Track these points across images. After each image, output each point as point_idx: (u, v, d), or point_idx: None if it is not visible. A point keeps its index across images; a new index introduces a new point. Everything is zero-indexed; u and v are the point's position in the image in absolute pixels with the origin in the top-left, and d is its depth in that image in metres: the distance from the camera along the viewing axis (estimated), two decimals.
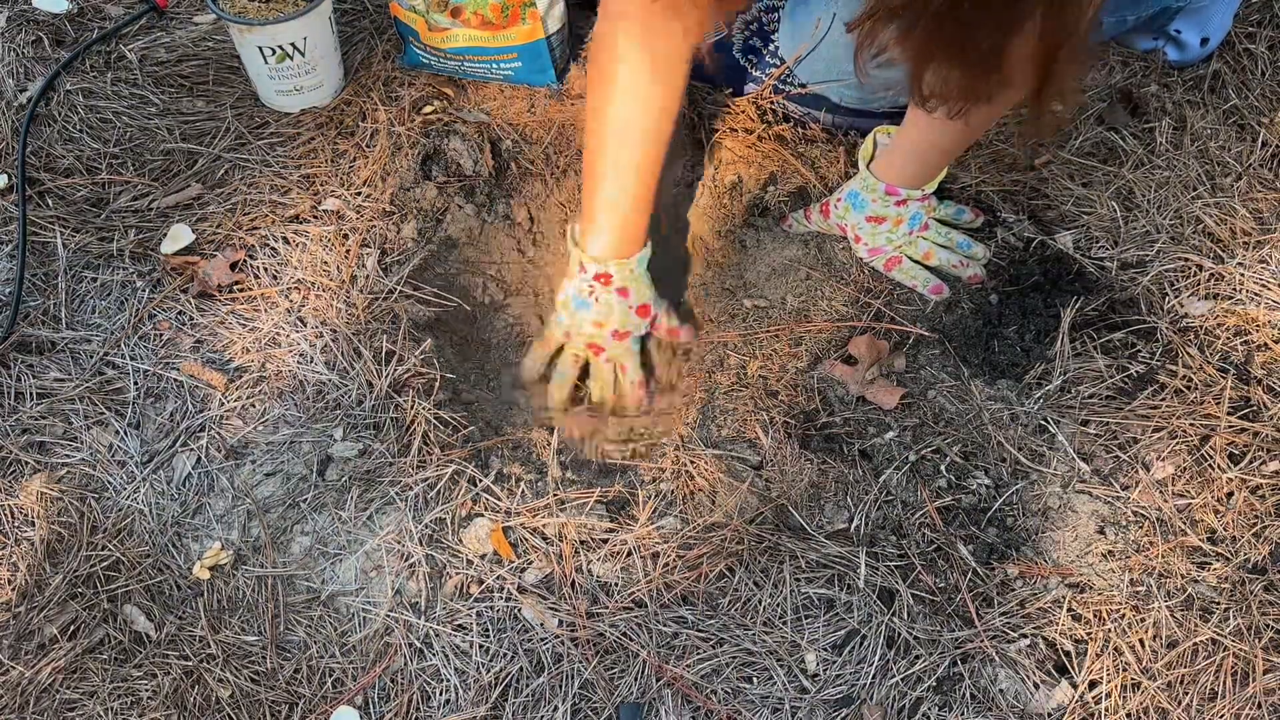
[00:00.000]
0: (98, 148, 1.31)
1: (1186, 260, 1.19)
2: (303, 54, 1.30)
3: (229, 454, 1.08)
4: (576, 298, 1.19)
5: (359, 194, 1.27)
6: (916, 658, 0.96)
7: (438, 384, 1.13)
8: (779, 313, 1.23)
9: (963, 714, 0.94)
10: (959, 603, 0.99)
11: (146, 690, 0.95)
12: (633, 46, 1.05)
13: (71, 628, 0.98)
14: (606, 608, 0.99)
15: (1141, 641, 0.96)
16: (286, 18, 1.27)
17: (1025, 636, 0.97)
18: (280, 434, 1.09)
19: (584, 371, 1.24)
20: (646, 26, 1.04)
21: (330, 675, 0.97)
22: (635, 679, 0.95)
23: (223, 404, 1.11)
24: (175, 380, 1.13)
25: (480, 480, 1.06)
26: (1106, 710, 0.93)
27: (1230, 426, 1.06)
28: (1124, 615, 0.98)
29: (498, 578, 1.00)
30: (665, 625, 0.98)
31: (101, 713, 0.94)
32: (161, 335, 1.17)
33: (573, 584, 1.00)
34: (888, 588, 1.00)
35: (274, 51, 1.28)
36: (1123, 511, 1.04)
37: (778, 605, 0.99)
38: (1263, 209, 1.23)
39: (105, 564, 1.01)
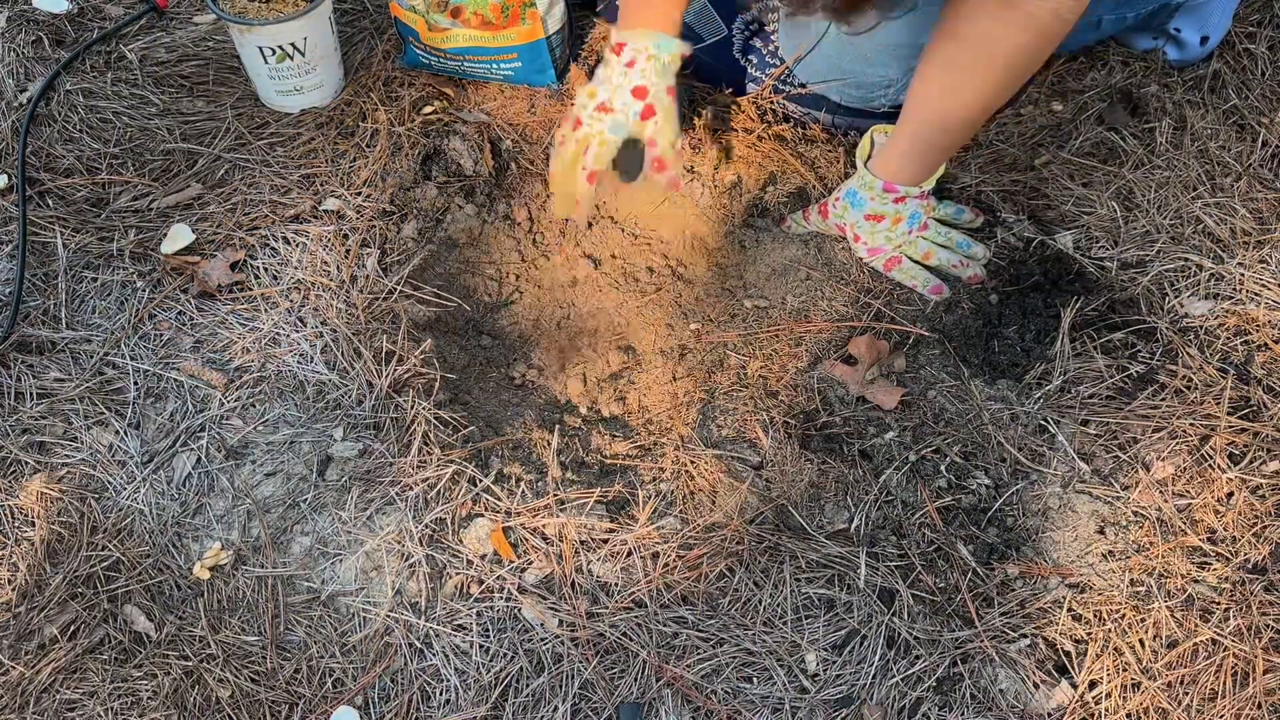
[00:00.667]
0: (98, 148, 1.31)
1: (1186, 260, 1.19)
2: (303, 54, 1.30)
3: (229, 454, 1.08)
4: (600, 71, 1.17)
5: (359, 194, 1.27)
6: (916, 658, 0.96)
7: (438, 384, 1.13)
8: (779, 313, 1.23)
9: (963, 714, 0.94)
10: (959, 603, 0.99)
11: (146, 690, 0.95)
12: None
13: (71, 628, 0.98)
14: (606, 608, 0.99)
15: (1141, 641, 0.96)
16: (286, 18, 1.27)
17: (1025, 636, 0.97)
18: (280, 434, 1.09)
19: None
20: None
21: (330, 675, 0.97)
22: (635, 679, 0.95)
23: (223, 404, 1.11)
24: (175, 380, 1.13)
25: (480, 480, 1.06)
26: (1106, 710, 0.93)
27: (1230, 426, 1.06)
28: (1124, 615, 0.98)
29: (498, 578, 1.00)
30: (665, 625, 0.98)
31: (101, 713, 0.94)
32: (161, 335, 1.17)
33: (573, 584, 1.00)
34: (888, 588, 1.00)
35: (274, 51, 1.28)
36: (1123, 511, 1.04)
37: (778, 605, 0.99)
38: (1263, 209, 1.23)
39: (105, 564, 1.01)
